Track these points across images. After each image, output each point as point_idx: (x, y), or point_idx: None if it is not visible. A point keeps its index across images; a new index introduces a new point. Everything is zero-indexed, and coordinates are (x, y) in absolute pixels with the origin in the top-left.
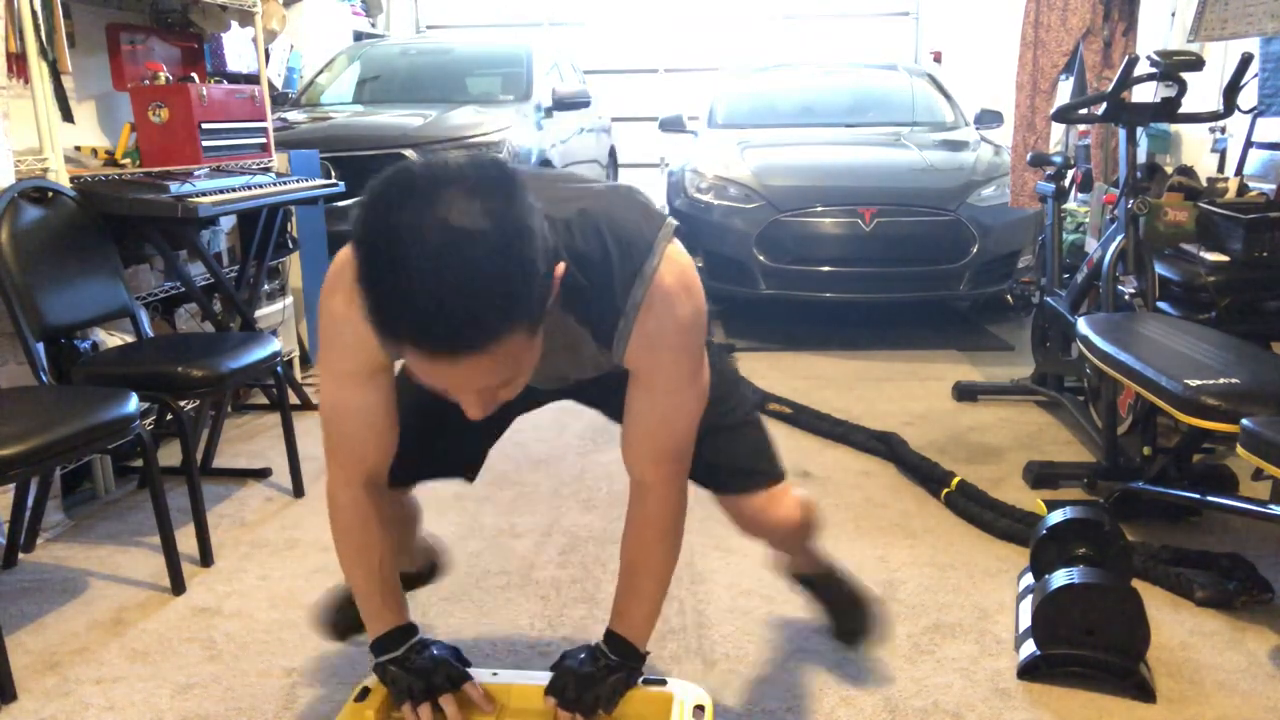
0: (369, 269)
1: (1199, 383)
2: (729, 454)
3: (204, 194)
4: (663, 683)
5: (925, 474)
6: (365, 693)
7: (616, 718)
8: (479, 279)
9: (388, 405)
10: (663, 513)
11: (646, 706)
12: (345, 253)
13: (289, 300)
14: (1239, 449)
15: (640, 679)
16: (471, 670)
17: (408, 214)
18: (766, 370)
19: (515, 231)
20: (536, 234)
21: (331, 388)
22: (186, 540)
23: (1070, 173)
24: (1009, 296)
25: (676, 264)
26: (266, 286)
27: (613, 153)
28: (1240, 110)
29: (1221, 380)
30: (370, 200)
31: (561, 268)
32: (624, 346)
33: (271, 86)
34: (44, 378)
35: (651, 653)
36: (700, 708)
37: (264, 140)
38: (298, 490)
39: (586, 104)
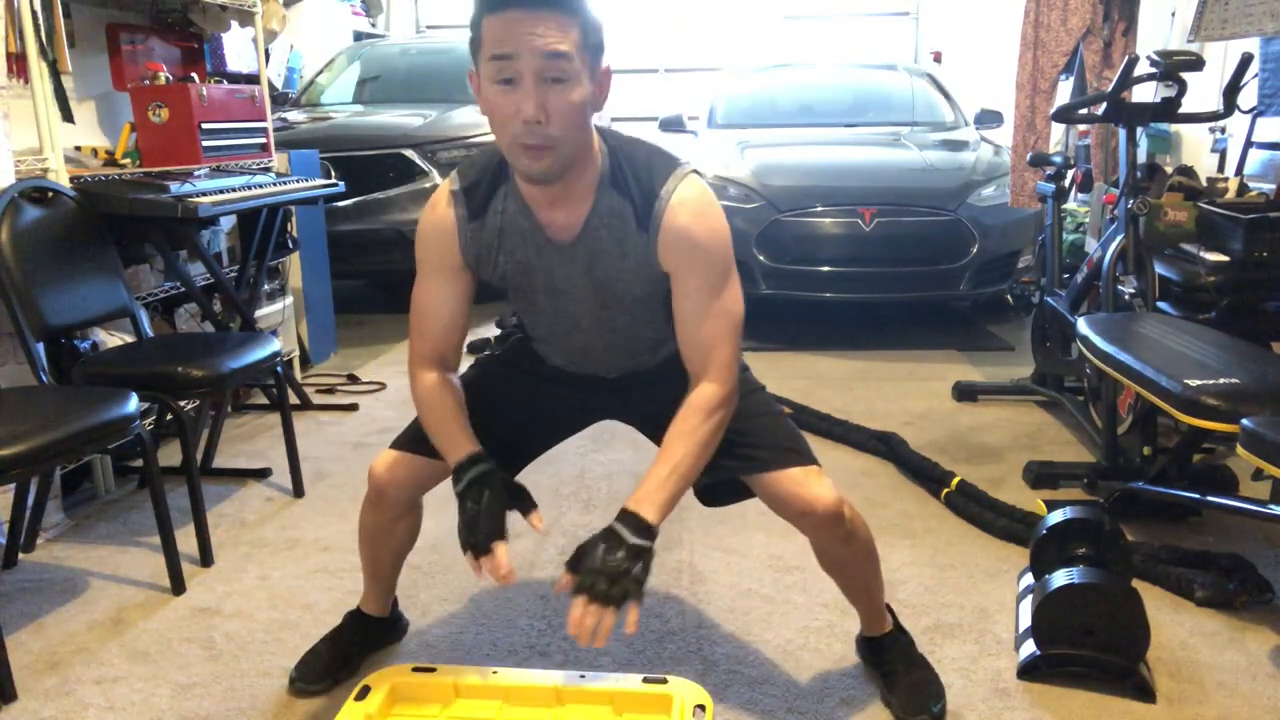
0: None
1: (1199, 383)
2: (765, 435)
3: (204, 194)
4: (663, 682)
5: (925, 474)
6: (365, 691)
7: (617, 717)
8: None
9: (462, 300)
10: (709, 402)
11: (647, 706)
12: (443, 186)
13: (289, 300)
14: (1239, 449)
15: (641, 677)
16: (469, 668)
17: None
18: (766, 370)
19: None
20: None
21: (420, 284)
22: (186, 540)
23: (1070, 173)
24: (1009, 296)
25: (700, 182)
26: (266, 286)
27: None
28: (1240, 110)
29: (1221, 380)
30: None
31: (609, 66)
32: (660, 227)
33: (271, 86)
34: (44, 378)
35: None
36: (701, 707)
37: (264, 140)
38: (298, 490)
39: None
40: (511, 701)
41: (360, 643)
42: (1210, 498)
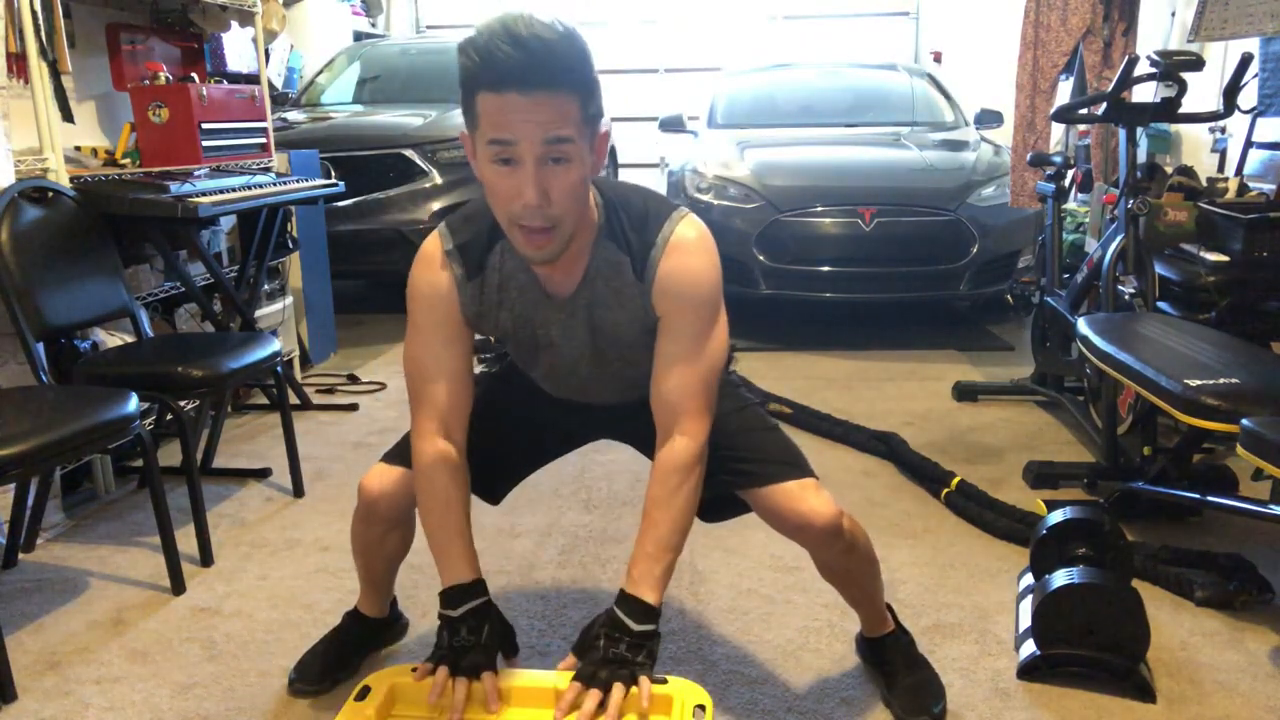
0: (475, 35)
1: (1199, 383)
2: (759, 449)
3: (204, 194)
4: (663, 682)
5: (925, 474)
6: (365, 691)
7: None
8: (561, 40)
9: (465, 359)
10: (687, 453)
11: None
12: (433, 237)
13: (289, 300)
14: (1239, 449)
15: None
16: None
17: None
18: (766, 370)
19: (585, 46)
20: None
21: (414, 344)
22: (186, 540)
23: (1070, 173)
24: (1009, 296)
25: (697, 223)
26: (266, 286)
27: (613, 152)
28: (1240, 110)
29: (1221, 380)
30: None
31: (608, 124)
32: (655, 274)
33: (271, 86)
34: (44, 378)
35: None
36: (701, 707)
37: (264, 140)
38: (298, 490)
39: None
40: (511, 702)
41: (359, 643)
42: (1210, 498)
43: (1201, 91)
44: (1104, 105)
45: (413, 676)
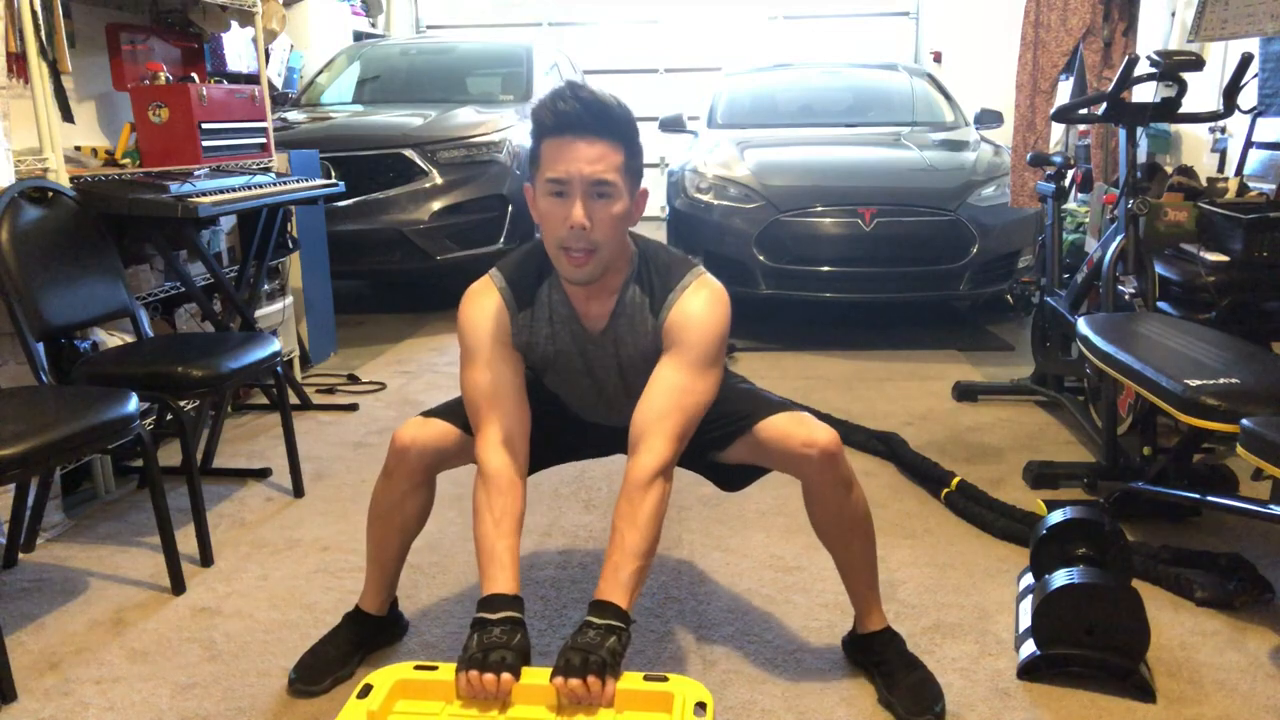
0: (545, 95)
1: (1199, 383)
2: (752, 399)
3: (204, 194)
4: (664, 680)
5: (925, 474)
6: (368, 689)
7: (618, 715)
8: (612, 102)
9: (520, 379)
10: (661, 486)
11: (648, 703)
12: (484, 277)
13: (289, 300)
14: (1239, 449)
15: (642, 675)
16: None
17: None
18: (766, 370)
19: (631, 114)
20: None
21: (473, 370)
22: (186, 540)
23: (1070, 173)
24: (1009, 296)
25: (714, 283)
26: (266, 286)
27: None
28: (1240, 110)
29: (1221, 380)
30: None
31: (646, 189)
32: (667, 314)
33: (271, 86)
34: (44, 378)
35: (637, 621)
36: (701, 705)
37: (264, 140)
38: (298, 490)
39: None
40: (513, 699)
41: (359, 643)
42: (1210, 498)
43: (1201, 91)
44: (1104, 105)
45: (416, 674)
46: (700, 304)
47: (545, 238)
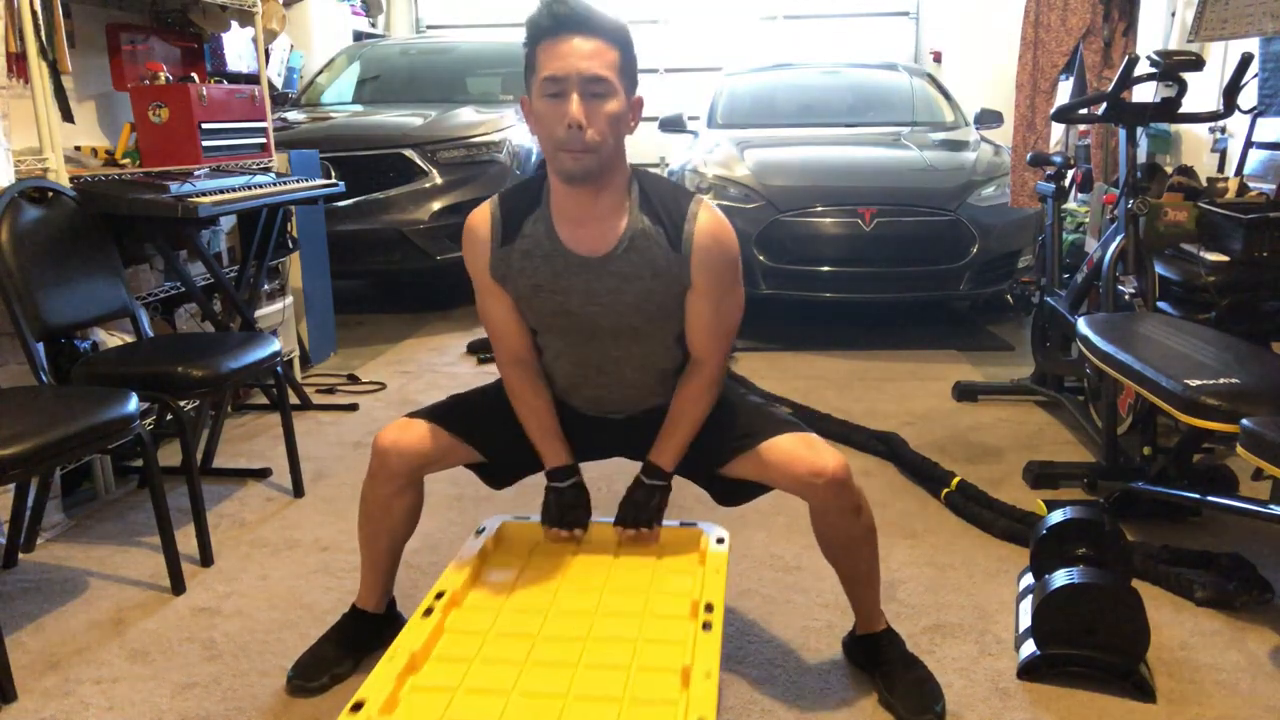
0: (542, 2)
1: (1199, 383)
2: (758, 414)
3: (204, 194)
4: (694, 525)
5: (925, 474)
6: (359, 706)
7: (659, 549)
8: (602, 9)
9: (512, 309)
10: (710, 376)
11: (681, 538)
12: (484, 204)
13: (289, 300)
14: (1239, 449)
15: (678, 522)
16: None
17: None
18: (766, 370)
19: (624, 22)
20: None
21: (478, 296)
22: (186, 540)
23: (1070, 173)
24: (1009, 296)
25: (713, 205)
26: (266, 286)
27: None
28: (1240, 110)
29: (1221, 380)
30: None
31: (641, 97)
32: (690, 245)
33: (271, 86)
34: (44, 378)
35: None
36: (721, 540)
37: (264, 140)
38: (298, 490)
39: None
40: (578, 549)
41: (358, 641)
42: (1210, 498)
43: (1201, 91)
44: (1104, 105)
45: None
46: (721, 231)
47: (543, 143)
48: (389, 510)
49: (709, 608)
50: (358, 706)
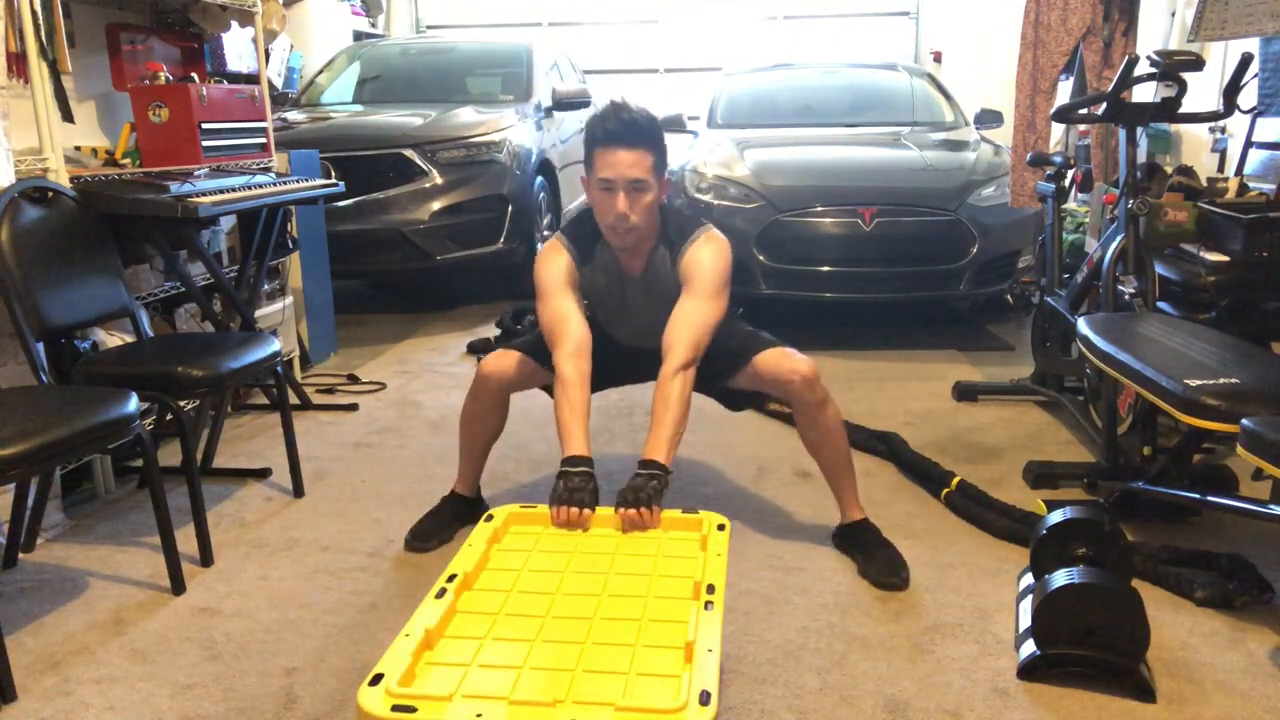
0: (596, 113)
1: (1199, 383)
2: (746, 340)
3: (204, 194)
4: (695, 511)
5: (925, 474)
6: (490, 518)
7: (662, 535)
8: (646, 118)
9: (582, 309)
10: (679, 361)
11: (684, 524)
12: (554, 238)
13: (289, 300)
14: (1239, 449)
15: (682, 509)
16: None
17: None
18: None
19: (659, 125)
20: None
21: (549, 304)
22: (186, 540)
23: (1070, 173)
24: (1009, 296)
25: (719, 235)
26: (266, 286)
27: None
28: (1240, 110)
29: (1221, 380)
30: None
31: (670, 177)
32: (682, 259)
33: (271, 86)
34: (44, 378)
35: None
36: (721, 525)
37: (264, 140)
38: (298, 490)
39: (587, 104)
40: (589, 525)
41: (454, 516)
42: (1210, 498)
43: (1201, 91)
44: (1104, 105)
45: (523, 510)
46: (706, 251)
47: (598, 218)
48: (485, 421)
49: (710, 589)
50: (377, 679)
